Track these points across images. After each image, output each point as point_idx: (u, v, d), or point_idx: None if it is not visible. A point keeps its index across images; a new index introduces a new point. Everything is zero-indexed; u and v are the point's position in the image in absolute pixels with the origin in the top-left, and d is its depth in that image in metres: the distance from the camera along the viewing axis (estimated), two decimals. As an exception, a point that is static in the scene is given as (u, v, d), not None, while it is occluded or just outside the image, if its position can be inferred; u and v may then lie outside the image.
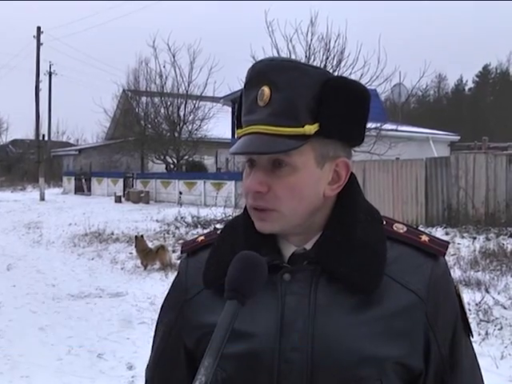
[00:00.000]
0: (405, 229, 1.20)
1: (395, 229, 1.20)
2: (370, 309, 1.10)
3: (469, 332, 1.21)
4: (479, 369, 1.23)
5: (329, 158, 1.12)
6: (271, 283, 1.11)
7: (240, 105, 1.17)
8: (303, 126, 1.07)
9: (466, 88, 61.77)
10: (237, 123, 1.18)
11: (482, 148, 16.86)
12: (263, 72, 1.10)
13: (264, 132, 1.08)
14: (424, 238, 1.19)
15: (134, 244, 12.02)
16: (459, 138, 29.44)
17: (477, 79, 61.01)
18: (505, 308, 7.39)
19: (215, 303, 1.16)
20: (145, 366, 1.37)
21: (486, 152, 15.18)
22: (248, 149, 1.09)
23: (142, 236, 12.01)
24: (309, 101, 1.08)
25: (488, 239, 11.97)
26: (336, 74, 19.22)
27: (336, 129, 1.09)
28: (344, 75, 1.25)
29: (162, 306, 1.34)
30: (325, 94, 1.08)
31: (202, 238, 1.31)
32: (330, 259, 1.12)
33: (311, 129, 1.08)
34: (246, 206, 1.21)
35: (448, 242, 1.22)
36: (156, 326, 1.35)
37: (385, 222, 1.20)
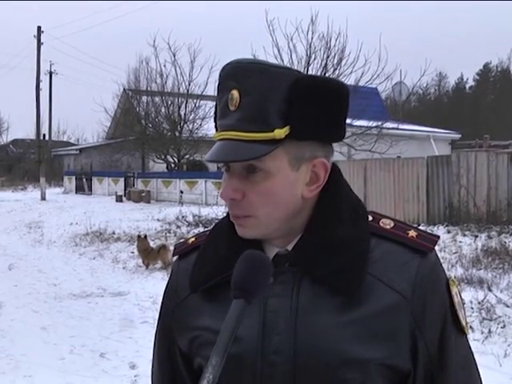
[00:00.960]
0: (392, 224, 1.18)
1: (382, 225, 1.17)
2: (353, 310, 1.08)
3: (461, 328, 1.17)
4: (475, 366, 1.20)
5: (305, 160, 1.10)
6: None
7: (216, 107, 1.15)
8: (273, 131, 1.05)
9: (467, 86, 61.76)
10: (215, 125, 1.17)
11: (484, 146, 16.85)
12: (231, 75, 1.08)
13: (235, 138, 1.07)
14: (412, 233, 1.16)
15: (135, 243, 11.99)
16: (460, 136, 29.46)
17: (477, 77, 60.97)
18: (507, 306, 7.38)
19: (204, 305, 1.17)
20: (147, 365, 1.38)
21: (487, 150, 15.17)
22: (220, 157, 1.08)
23: (145, 236, 11.98)
24: (279, 104, 1.06)
25: (490, 237, 11.97)
26: (336, 72, 19.31)
27: (309, 130, 1.07)
28: (345, 74, 1.23)
29: (160, 311, 1.34)
30: (294, 96, 1.06)
31: (193, 239, 1.30)
32: (309, 261, 1.11)
33: (281, 133, 1.05)
34: None
35: (437, 237, 1.19)
36: (155, 331, 1.35)
37: (371, 218, 1.18)
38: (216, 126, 1.16)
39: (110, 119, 37.21)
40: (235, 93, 1.06)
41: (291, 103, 1.06)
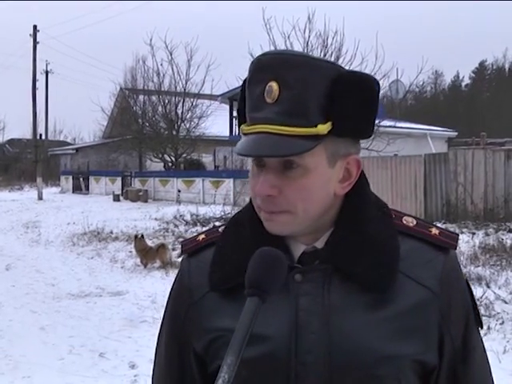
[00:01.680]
0: (414, 222, 1.18)
1: (405, 222, 1.17)
2: (385, 307, 1.08)
3: (479, 324, 1.20)
4: (488, 360, 1.22)
5: (340, 157, 1.09)
6: (283, 284, 1.06)
7: (242, 99, 1.11)
8: (316, 126, 1.03)
9: (463, 84, 61.90)
10: (239, 118, 1.14)
11: (481, 144, 16.87)
12: (270, 66, 1.04)
13: (275, 132, 1.03)
14: (434, 231, 1.17)
15: (133, 243, 11.94)
16: (457, 133, 29.50)
17: (473, 75, 61.10)
18: (506, 303, 7.41)
19: (223, 306, 1.14)
20: (147, 365, 1.34)
21: (484, 148, 15.19)
22: (259, 151, 1.04)
23: (142, 236, 11.86)
24: (320, 99, 1.03)
25: (487, 234, 11.99)
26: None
27: (348, 127, 1.05)
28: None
29: (166, 309, 1.29)
30: (337, 92, 1.04)
31: (203, 236, 1.26)
32: (343, 258, 1.10)
33: (324, 128, 1.03)
34: (250, 203, 1.18)
35: (457, 234, 1.20)
36: (160, 330, 1.30)
37: (394, 216, 1.18)
38: (239, 119, 1.13)
39: (107, 118, 37.21)
40: (274, 85, 1.03)
41: (333, 98, 1.04)
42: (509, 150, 14.40)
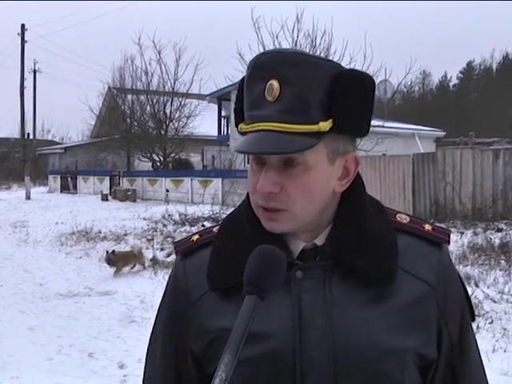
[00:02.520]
0: (408, 219, 1.20)
1: (399, 219, 1.19)
2: (386, 301, 1.10)
3: (472, 317, 1.22)
4: (480, 354, 1.25)
5: (339, 154, 1.10)
6: (284, 281, 1.06)
7: (240, 97, 1.12)
8: (317, 123, 1.04)
9: (451, 84, 62.22)
10: (236, 117, 1.14)
11: (469, 143, 16.93)
12: (271, 65, 1.05)
13: (275, 129, 1.03)
14: (427, 227, 1.19)
15: (105, 258, 10.80)
16: (445, 133, 29.63)
17: (461, 75, 61.44)
18: (495, 302, 7.45)
19: (223, 305, 1.13)
20: (136, 365, 1.32)
21: (472, 147, 15.26)
22: (261, 148, 1.04)
23: (113, 251, 10.97)
24: (321, 96, 1.04)
25: (476, 234, 12.04)
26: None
27: (348, 124, 1.06)
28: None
29: (160, 311, 1.27)
30: (337, 89, 1.04)
31: (197, 236, 1.25)
32: (344, 253, 1.11)
33: (326, 126, 1.04)
34: (246, 202, 1.17)
35: (449, 231, 1.22)
36: (153, 332, 1.28)
37: (388, 213, 1.20)
38: (237, 118, 1.13)
39: (95, 118, 37.04)
40: (275, 83, 1.03)
41: (333, 96, 1.05)
42: (497, 149, 14.48)
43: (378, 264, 1.10)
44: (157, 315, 1.28)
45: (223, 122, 31.96)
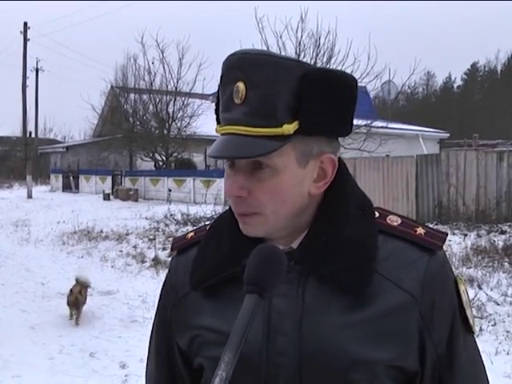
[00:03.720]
0: (399, 221, 1.15)
1: (389, 222, 1.14)
2: (361, 310, 1.05)
3: (469, 328, 1.15)
4: (482, 365, 1.18)
5: (312, 156, 1.06)
6: None
7: (218, 99, 1.11)
8: (281, 126, 1.01)
9: (455, 86, 62.19)
10: (216, 118, 1.14)
11: (473, 145, 16.90)
12: (237, 66, 1.03)
13: (241, 133, 1.02)
14: (420, 230, 1.13)
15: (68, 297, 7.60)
16: (448, 135, 29.62)
17: (465, 77, 61.40)
18: (498, 304, 7.42)
19: (204, 304, 1.14)
20: (138, 365, 1.35)
21: (476, 149, 15.22)
22: (225, 152, 1.04)
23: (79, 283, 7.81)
24: (287, 97, 1.01)
25: (479, 236, 12.01)
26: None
27: (318, 125, 1.03)
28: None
29: (157, 307, 1.31)
30: (303, 89, 1.02)
31: (192, 234, 1.27)
32: (315, 259, 1.07)
33: (290, 128, 1.01)
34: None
35: (446, 234, 1.16)
36: (152, 327, 1.32)
37: (378, 215, 1.15)
38: (217, 120, 1.12)
39: (98, 117, 37.01)
40: (241, 85, 1.02)
41: (300, 97, 1.02)
42: (501, 151, 14.44)
43: (350, 271, 1.05)
44: (155, 312, 1.32)
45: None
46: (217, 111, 1.13)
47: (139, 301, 8.52)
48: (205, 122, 30.89)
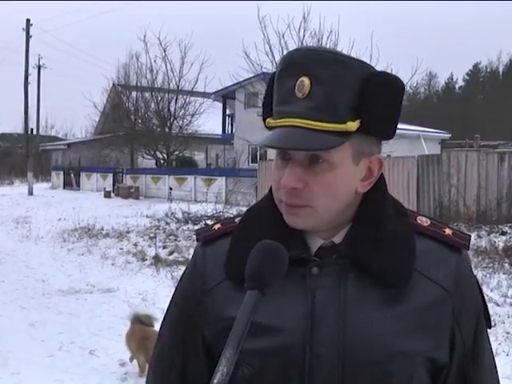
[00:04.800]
0: (428, 222, 1.20)
1: (419, 222, 1.19)
2: (400, 303, 1.10)
3: (488, 324, 1.22)
4: (495, 361, 1.25)
5: (364, 155, 1.11)
6: (300, 277, 1.10)
7: (269, 93, 1.14)
8: (345, 123, 1.05)
9: (457, 86, 62.12)
10: (265, 111, 1.15)
11: (474, 146, 16.89)
12: (303, 62, 1.06)
13: (303, 126, 1.05)
14: (448, 231, 1.19)
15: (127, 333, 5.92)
16: (450, 135, 29.59)
17: (467, 77, 61.34)
18: (498, 305, 7.42)
19: (236, 295, 1.12)
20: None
21: (477, 150, 15.20)
22: (288, 144, 1.06)
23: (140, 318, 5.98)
24: (350, 96, 1.05)
25: (480, 237, 11.98)
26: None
27: (376, 126, 1.08)
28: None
29: (174, 296, 1.30)
30: (367, 91, 1.06)
31: (219, 225, 1.27)
32: (361, 253, 1.11)
33: (353, 126, 1.05)
34: (269, 196, 1.19)
35: (469, 235, 1.22)
36: (165, 316, 1.30)
37: (408, 215, 1.20)
38: (264, 113, 1.15)
39: (99, 114, 37.07)
40: (306, 80, 1.05)
41: (363, 97, 1.06)
42: (502, 152, 14.41)
43: (393, 265, 1.10)
44: (171, 298, 1.30)
45: (228, 120, 31.97)
46: (265, 105, 1.15)
47: (139, 299, 8.52)
48: (206, 121, 30.94)
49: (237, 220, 1.25)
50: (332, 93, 1.04)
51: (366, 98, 1.05)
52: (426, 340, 1.10)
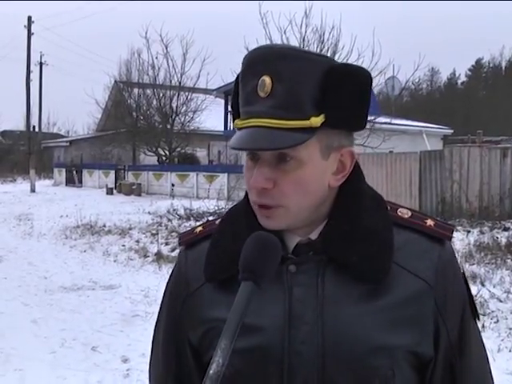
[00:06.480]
0: (409, 214, 1.19)
1: (400, 214, 1.18)
2: (379, 298, 1.09)
3: (476, 316, 1.20)
4: (485, 351, 1.23)
5: (333, 149, 1.09)
6: (277, 275, 1.08)
7: (236, 93, 1.12)
8: (309, 119, 1.03)
9: (459, 82, 62.01)
10: (233, 113, 1.15)
11: (477, 142, 16.85)
12: (263, 60, 1.05)
13: (267, 125, 1.04)
14: (429, 222, 1.17)
15: None
16: (452, 131, 29.54)
17: (469, 73, 61.22)
18: (500, 301, 7.40)
19: (219, 296, 1.15)
20: (139, 359, 1.33)
21: (480, 146, 15.17)
22: (252, 144, 1.05)
23: None
24: (313, 91, 1.04)
25: (482, 233, 11.96)
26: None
27: (342, 119, 1.06)
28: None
29: (163, 301, 1.30)
30: (330, 84, 1.04)
31: (200, 228, 1.28)
32: (337, 249, 1.10)
33: (317, 121, 1.04)
34: (246, 197, 1.18)
35: (453, 226, 1.21)
36: (157, 321, 1.31)
37: (389, 208, 1.18)
38: (234, 114, 1.14)
39: (101, 111, 37.05)
40: (267, 79, 1.04)
41: (326, 91, 1.04)
42: (505, 148, 14.38)
43: (371, 260, 1.09)
44: (161, 304, 1.31)
45: (230, 117, 31.93)
46: (234, 106, 1.14)
47: (141, 295, 8.52)
48: (208, 117, 30.92)
49: (217, 222, 1.25)
50: (294, 89, 1.03)
51: (328, 92, 1.04)
52: (407, 334, 1.08)
